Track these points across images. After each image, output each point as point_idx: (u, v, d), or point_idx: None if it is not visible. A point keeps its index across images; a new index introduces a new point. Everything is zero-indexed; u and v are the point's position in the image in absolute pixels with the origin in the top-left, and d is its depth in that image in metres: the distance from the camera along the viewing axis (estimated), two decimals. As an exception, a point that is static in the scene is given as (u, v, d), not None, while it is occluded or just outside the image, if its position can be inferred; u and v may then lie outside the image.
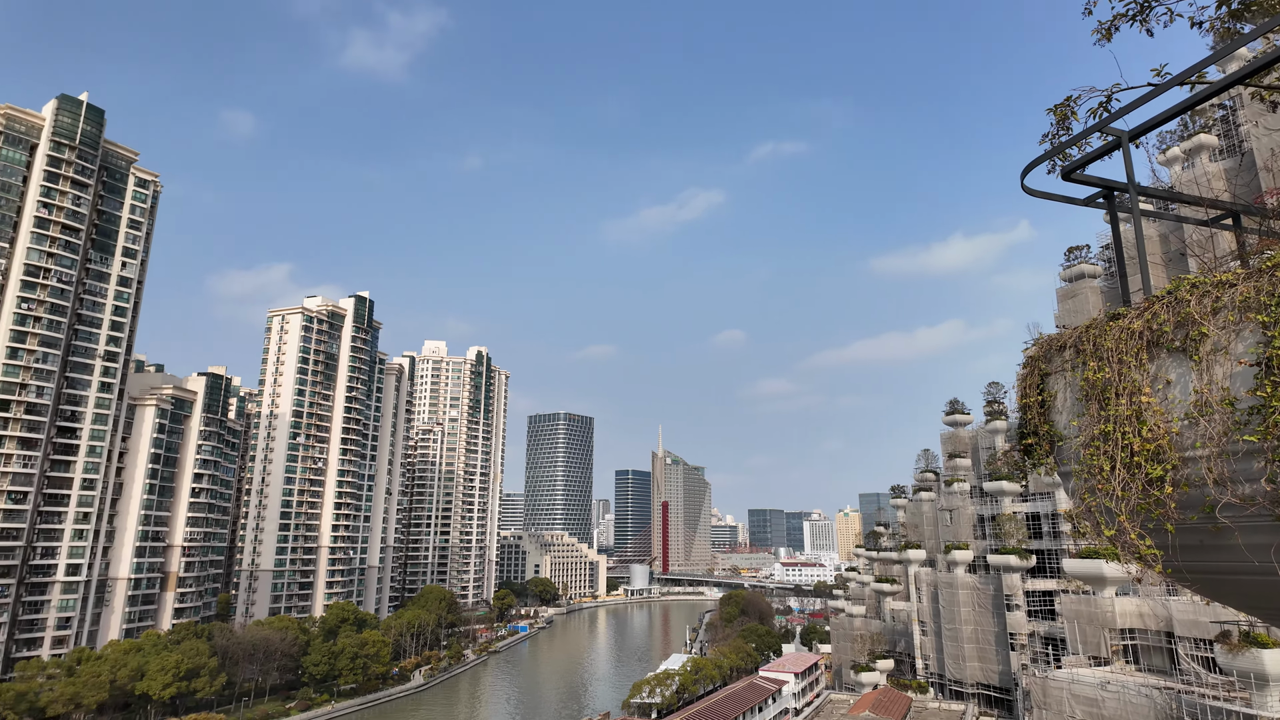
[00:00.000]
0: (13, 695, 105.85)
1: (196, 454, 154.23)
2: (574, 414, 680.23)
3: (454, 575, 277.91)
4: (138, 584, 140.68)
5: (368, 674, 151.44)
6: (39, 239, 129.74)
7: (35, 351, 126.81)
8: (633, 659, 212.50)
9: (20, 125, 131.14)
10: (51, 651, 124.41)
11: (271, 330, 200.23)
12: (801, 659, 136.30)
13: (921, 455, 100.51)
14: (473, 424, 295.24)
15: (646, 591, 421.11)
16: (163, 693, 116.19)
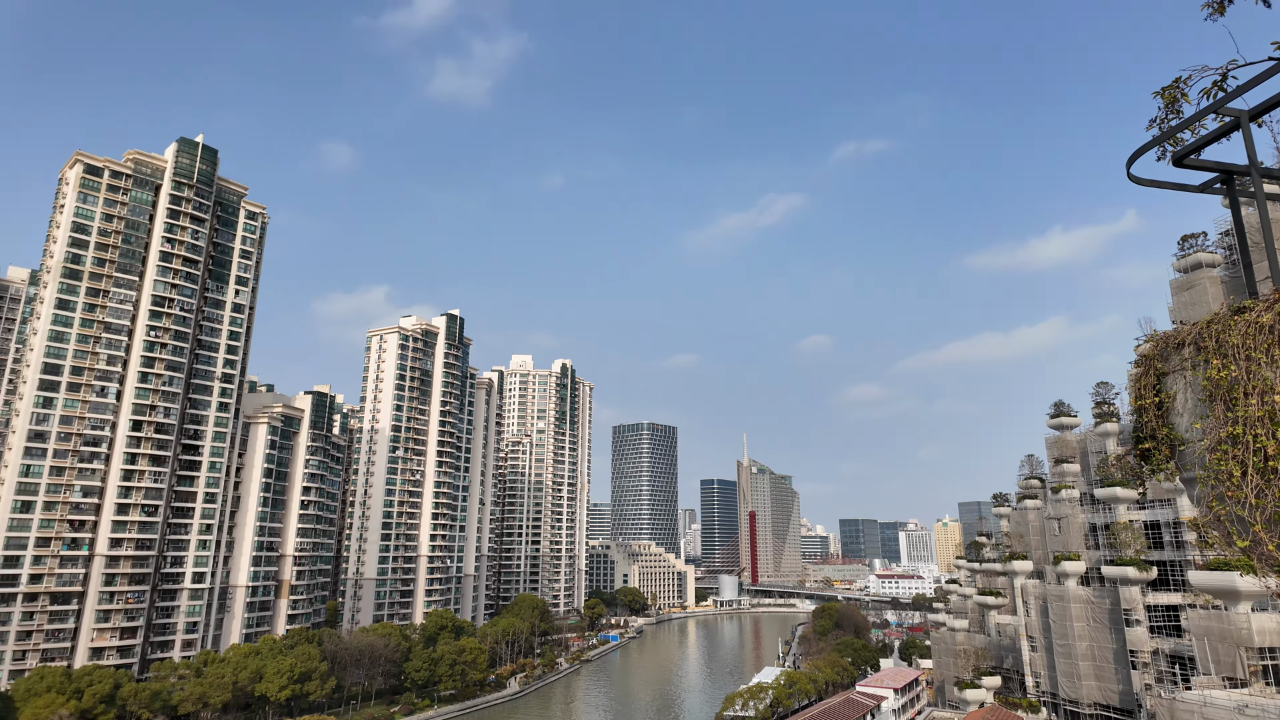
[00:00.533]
0: (148, 694, 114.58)
1: (305, 468, 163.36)
2: (657, 424, 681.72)
3: (545, 584, 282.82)
4: (255, 591, 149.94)
5: (466, 680, 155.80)
6: (163, 271, 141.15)
7: (162, 375, 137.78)
8: (724, 671, 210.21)
9: (146, 168, 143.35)
10: (181, 654, 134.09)
11: (371, 349, 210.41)
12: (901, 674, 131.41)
13: (1025, 461, 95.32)
14: (559, 435, 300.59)
15: (736, 603, 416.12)
16: (279, 695, 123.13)
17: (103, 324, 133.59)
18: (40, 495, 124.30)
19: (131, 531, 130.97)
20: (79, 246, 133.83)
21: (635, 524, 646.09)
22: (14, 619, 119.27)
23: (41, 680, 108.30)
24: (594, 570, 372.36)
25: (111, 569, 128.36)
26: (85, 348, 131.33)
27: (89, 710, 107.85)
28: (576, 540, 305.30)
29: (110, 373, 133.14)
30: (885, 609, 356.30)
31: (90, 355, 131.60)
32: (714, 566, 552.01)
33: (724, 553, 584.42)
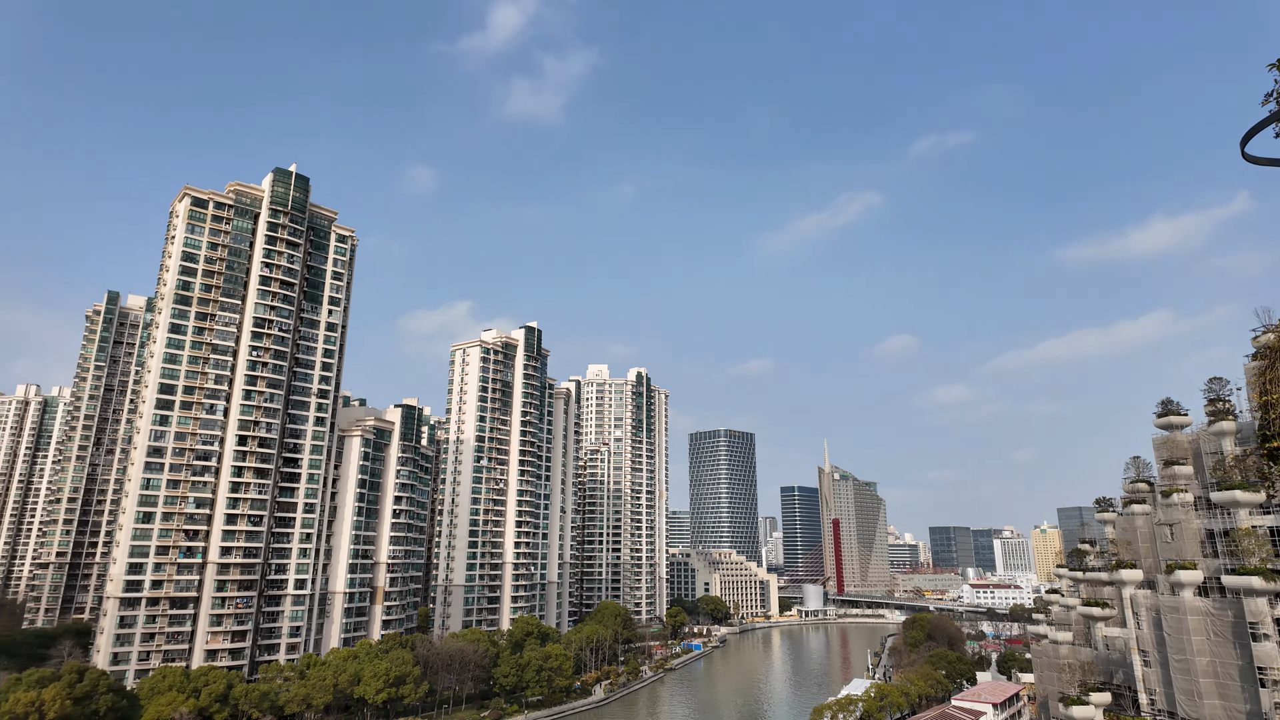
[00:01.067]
0: (258, 694, 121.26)
1: (396, 478, 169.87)
2: (734, 430, 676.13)
3: (627, 592, 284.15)
4: (351, 597, 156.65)
5: (552, 686, 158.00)
6: (263, 294, 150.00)
7: (264, 393, 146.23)
8: (811, 682, 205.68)
9: (246, 198, 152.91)
10: (285, 656, 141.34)
11: (455, 363, 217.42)
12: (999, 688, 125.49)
13: (1131, 463, 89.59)
14: (636, 443, 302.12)
15: (821, 613, 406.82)
16: (376, 697, 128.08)
17: (210, 346, 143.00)
18: (159, 507, 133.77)
19: (239, 540, 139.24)
20: (188, 274, 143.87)
21: (715, 532, 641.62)
22: (139, 622, 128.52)
23: (163, 679, 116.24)
24: (675, 578, 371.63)
25: (222, 576, 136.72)
26: (196, 368, 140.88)
27: (205, 708, 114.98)
28: (656, 548, 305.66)
29: (218, 391, 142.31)
30: (980, 620, 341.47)
31: (200, 375, 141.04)
32: (797, 575, 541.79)
33: (807, 561, 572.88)
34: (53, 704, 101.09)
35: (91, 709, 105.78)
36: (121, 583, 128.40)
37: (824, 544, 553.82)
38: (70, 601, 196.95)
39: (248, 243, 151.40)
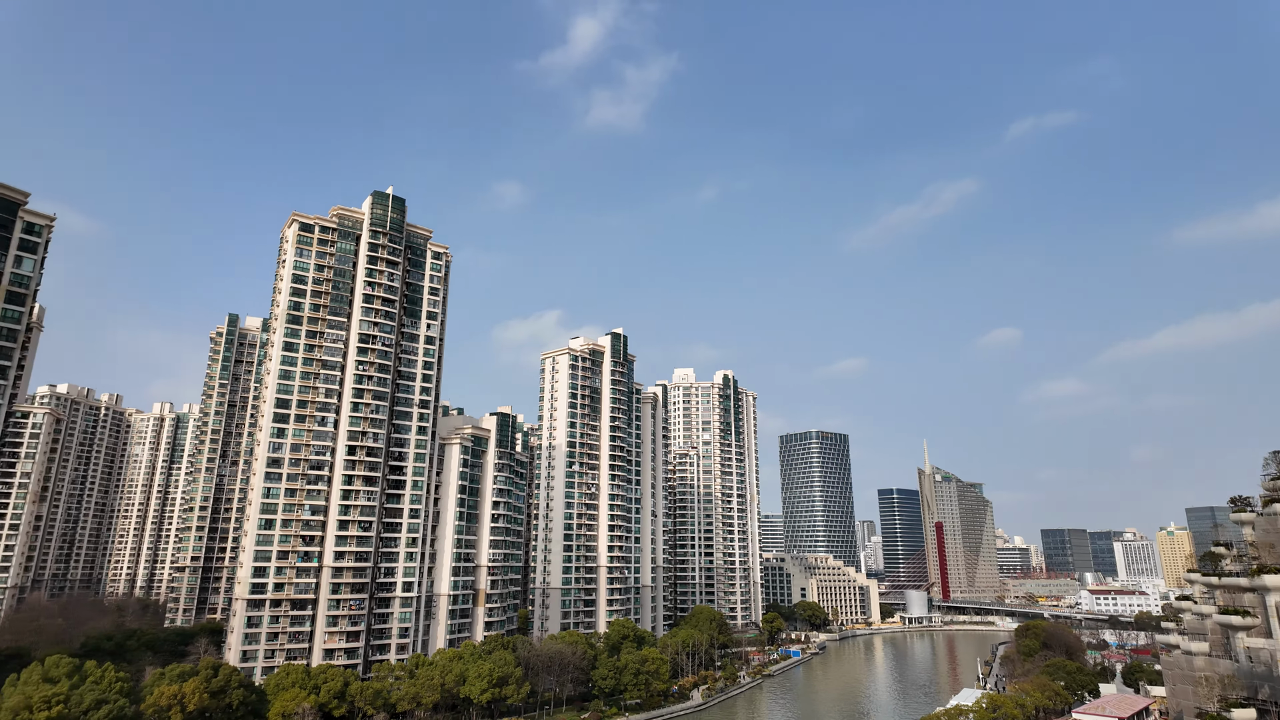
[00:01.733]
0: (371, 692, 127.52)
1: (493, 484, 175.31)
2: (827, 432, 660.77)
3: (721, 596, 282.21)
4: (455, 599, 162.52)
5: (650, 690, 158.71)
6: (366, 311, 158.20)
7: (370, 404, 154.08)
8: (917, 692, 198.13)
9: (348, 221, 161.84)
10: (395, 656, 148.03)
11: (544, 371, 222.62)
12: (1126, 702, 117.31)
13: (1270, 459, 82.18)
14: (725, 446, 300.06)
15: (926, 619, 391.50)
16: (481, 697, 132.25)
17: (320, 361, 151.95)
18: (278, 514, 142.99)
19: (350, 545, 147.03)
20: (298, 295, 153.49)
21: (809, 536, 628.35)
22: (264, 622, 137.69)
23: (287, 676, 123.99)
24: (769, 583, 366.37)
25: (336, 579, 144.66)
26: (308, 383, 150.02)
27: (325, 704, 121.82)
28: (750, 552, 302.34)
29: (328, 404, 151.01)
30: (1102, 628, 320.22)
31: (312, 389, 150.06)
32: (898, 581, 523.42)
33: (909, 566, 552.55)
34: (192, 697, 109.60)
35: (225, 702, 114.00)
36: (248, 585, 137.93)
37: (926, 548, 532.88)
38: (204, 602, 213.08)
39: (351, 263, 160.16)
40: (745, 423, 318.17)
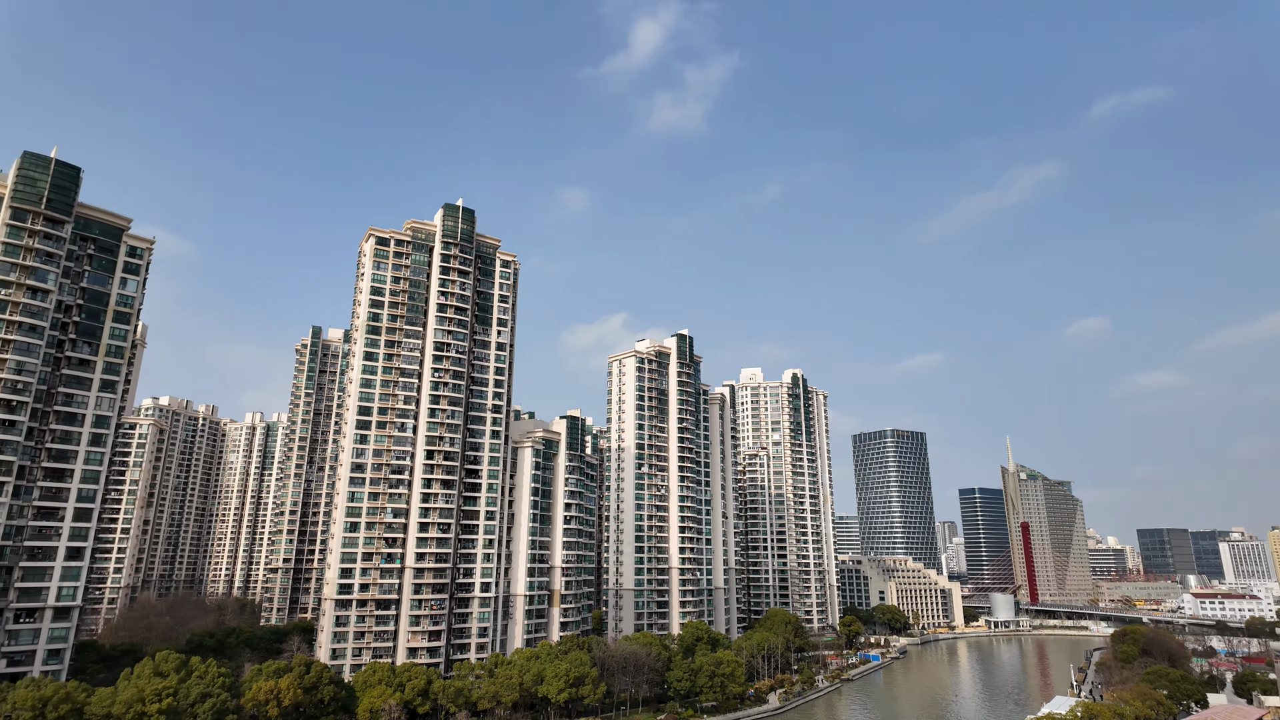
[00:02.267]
0: (453, 690, 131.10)
1: (565, 486, 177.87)
2: (902, 430, 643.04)
3: (796, 599, 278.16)
4: (531, 600, 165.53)
5: (725, 693, 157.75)
6: (440, 320, 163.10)
7: (446, 410, 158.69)
8: (1005, 699, 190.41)
9: (421, 234, 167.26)
10: (475, 655, 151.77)
11: (611, 374, 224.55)
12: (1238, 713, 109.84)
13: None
14: (795, 446, 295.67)
15: (1012, 623, 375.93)
16: (558, 696, 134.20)
17: (399, 370, 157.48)
18: (362, 517, 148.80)
19: (431, 546, 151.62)
20: (376, 306, 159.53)
21: (887, 537, 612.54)
22: (351, 621, 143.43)
23: (374, 674, 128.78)
24: (846, 586, 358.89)
25: (417, 580, 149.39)
26: (387, 391, 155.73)
27: (410, 701, 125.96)
28: (825, 554, 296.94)
29: (407, 410, 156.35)
30: (1208, 634, 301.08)
31: (391, 397, 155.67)
32: (982, 584, 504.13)
33: (993, 569, 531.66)
34: (287, 692, 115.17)
35: (318, 698, 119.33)
36: (335, 586, 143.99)
37: (1012, 549, 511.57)
38: (296, 602, 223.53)
39: (425, 274, 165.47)
40: (816, 422, 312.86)
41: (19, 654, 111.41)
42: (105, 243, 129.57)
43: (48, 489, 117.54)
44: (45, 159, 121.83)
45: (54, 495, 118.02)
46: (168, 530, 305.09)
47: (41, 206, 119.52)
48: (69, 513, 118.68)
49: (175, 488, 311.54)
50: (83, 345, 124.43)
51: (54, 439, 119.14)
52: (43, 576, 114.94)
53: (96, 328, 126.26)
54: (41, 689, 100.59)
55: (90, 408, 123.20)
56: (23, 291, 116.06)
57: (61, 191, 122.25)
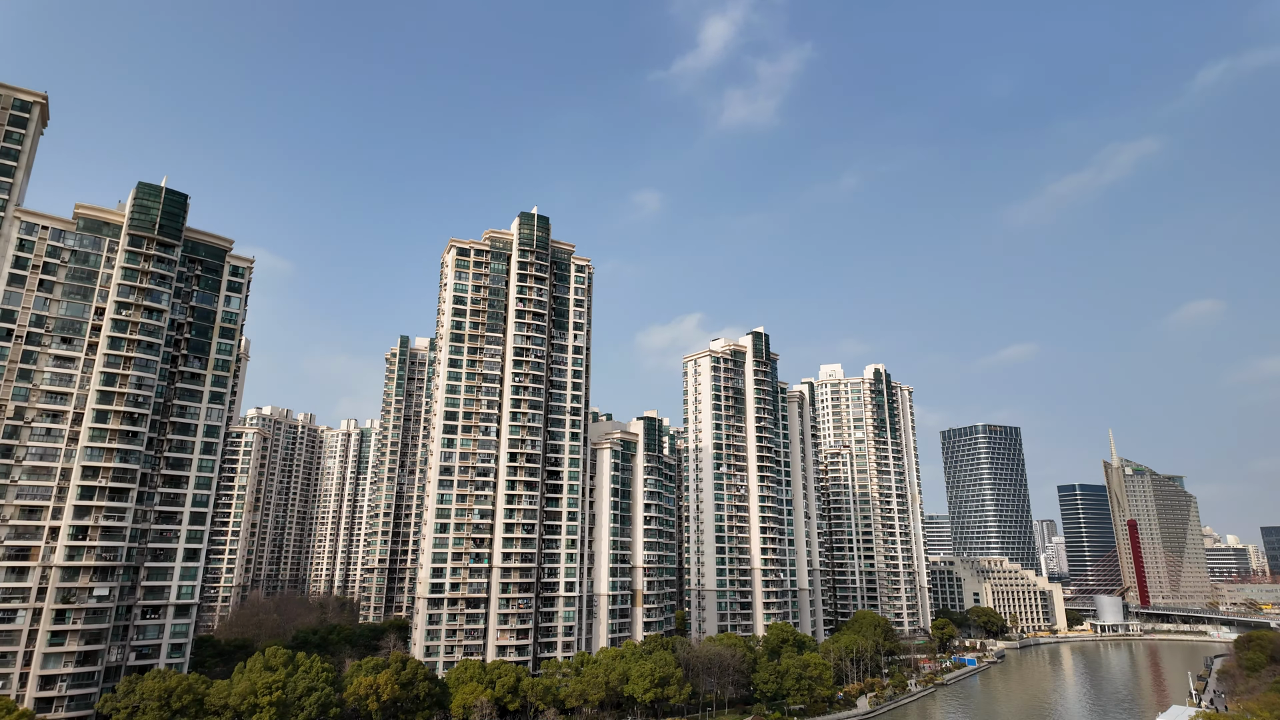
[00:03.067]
0: (541, 688, 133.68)
1: (644, 487, 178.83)
2: (994, 425, 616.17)
3: (884, 601, 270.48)
4: (614, 599, 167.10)
5: (813, 696, 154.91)
6: (519, 326, 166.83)
7: (527, 413, 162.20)
8: (1115, 707, 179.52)
9: (499, 243, 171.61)
10: (562, 654, 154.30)
11: (687, 374, 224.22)
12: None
13: None
14: (880, 444, 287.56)
15: (1121, 627, 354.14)
16: (644, 696, 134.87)
17: (481, 375, 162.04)
18: (451, 519, 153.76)
19: (516, 546, 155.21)
20: (459, 315, 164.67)
21: (980, 537, 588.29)
22: (443, 619, 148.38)
23: (465, 671, 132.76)
24: (937, 588, 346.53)
25: (504, 579, 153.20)
26: (471, 396, 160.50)
27: (500, 698, 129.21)
28: (914, 555, 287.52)
29: (490, 414, 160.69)
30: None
31: (475, 401, 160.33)
32: (1086, 585, 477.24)
33: (1098, 569, 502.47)
34: (385, 688, 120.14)
35: (413, 694, 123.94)
36: (427, 585, 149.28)
37: (1118, 549, 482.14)
38: (391, 600, 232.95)
39: (503, 281, 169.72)
40: (901, 418, 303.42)
41: (146, 647, 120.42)
42: (211, 263, 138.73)
43: (166, 494, 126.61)
44: (156, 188, 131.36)
45: (172, 500, 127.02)
46: (273, 532, 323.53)
47: (154, 232, 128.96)
48: (185, 516, 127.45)
49: (278, 492, 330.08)
50: (193, 360, 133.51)
51: (170, 448, 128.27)
52: (164, 576, 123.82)
53: (205, 343, 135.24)
54: (167, 680, 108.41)
55: (201, 418, 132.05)
56: (140, 312, 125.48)
57: (171, 218, 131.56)
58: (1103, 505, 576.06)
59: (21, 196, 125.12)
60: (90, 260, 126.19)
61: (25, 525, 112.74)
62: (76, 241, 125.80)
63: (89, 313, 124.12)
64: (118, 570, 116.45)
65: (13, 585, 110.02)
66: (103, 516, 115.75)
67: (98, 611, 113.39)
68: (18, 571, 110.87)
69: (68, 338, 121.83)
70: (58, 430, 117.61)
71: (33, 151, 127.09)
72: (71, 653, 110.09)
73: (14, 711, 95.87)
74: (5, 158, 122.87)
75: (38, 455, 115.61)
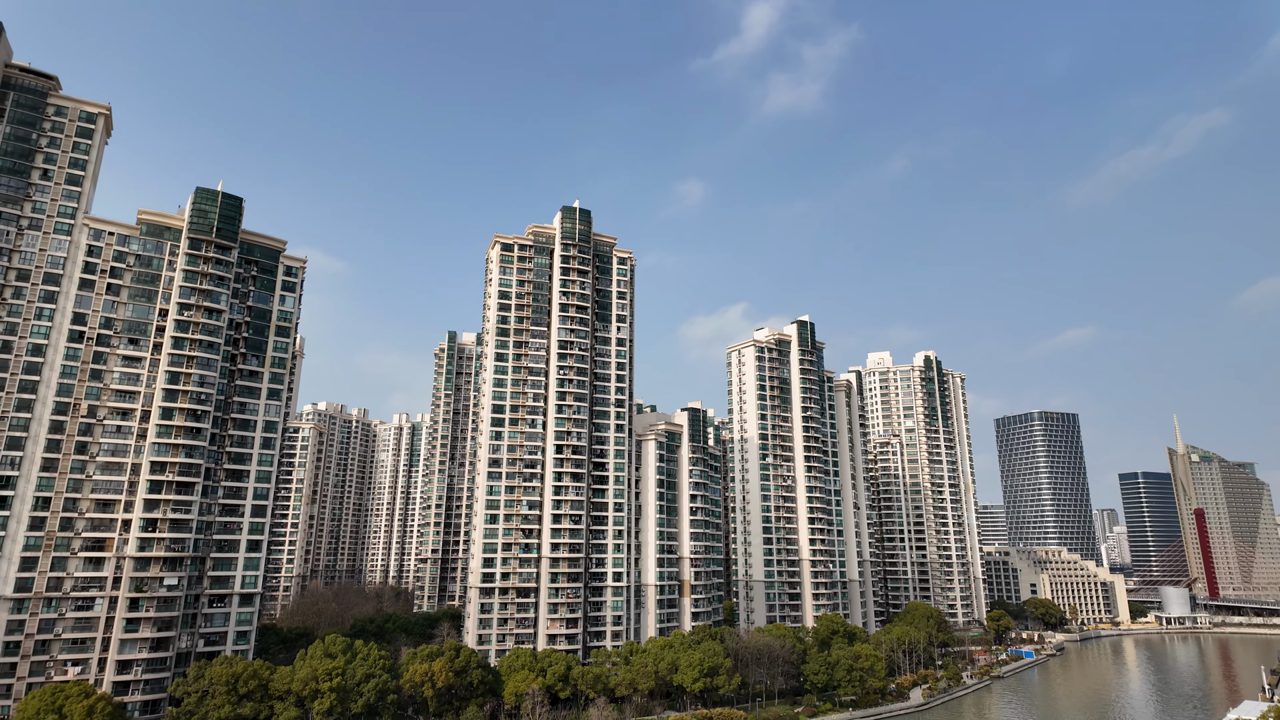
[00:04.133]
0: (591, 676, 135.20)
1: (689, 478, 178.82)
2: (1051, 412, 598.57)
3: (937, 592, 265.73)
4: (662, 590, 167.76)
5: (865, 687, 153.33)
6: (563, 319, 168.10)
7: (572, 405, 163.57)
8: (1183, 702, 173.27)
9: (542, 238, 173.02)
10: (611, 643, 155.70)
11: (731, 364, 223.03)
12: None
13: None
14: (931, 433, 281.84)
15: (1188, 620, 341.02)
16: (693, 686, 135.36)
17: (527, 369, 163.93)
18: (501, 510, 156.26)
19: (564, 537, 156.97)
20: (504, 309, 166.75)
21: (1037, 527, 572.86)
22: (494, 609, 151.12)
23: (517, 659, 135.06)
24: (992, 579, 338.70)
25: (553, 569, 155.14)
26: (518, 389, 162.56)
27: (551, 686, 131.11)
28: (968, 546, 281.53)
29: (536, 407, 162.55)
30: None
31: (521, 395, 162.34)
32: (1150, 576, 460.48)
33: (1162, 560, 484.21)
34: (440, 675, 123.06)
35: (467, 681, 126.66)
36: (479, 574, 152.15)
37: (1184, 539, 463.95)
38: (444, 590, 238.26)
39: (547, 275, 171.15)
40: (953, 406, 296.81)
41: (214, 635, 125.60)
42: (266, 264, 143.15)
43: (229, 488, 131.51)
44: (213, 192, 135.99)
45: (234, 494, 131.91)
46: (330, 524, 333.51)
47: (212, 235, 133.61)
48: (247, 509, 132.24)
49: (334, 485, 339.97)
50: (251, 358, 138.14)
51: (232, 443, 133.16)
52: (229, 566, 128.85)
53: (262, 342, 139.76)
54: (233, 666, 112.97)
55: (260, 414, 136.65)
56: (201, 312, 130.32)
57: (228, 221, 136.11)
58: (1167, 493, 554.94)
59: (89, 204, 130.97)
60: (153, 264, 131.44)
61: (100, 518, 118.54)
62: (140, 246, 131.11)
63: (153, 314, 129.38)
64: (186, 561, 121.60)
65: (90, 575, 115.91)
66: (170, 509, 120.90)
67: (168, 600, 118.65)
68: (95, 562, 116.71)
69: (134, 338, 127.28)
70: (127, 427, 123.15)
71: (99, 161, 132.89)
72: (145, 639, 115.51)
73: (92, 695, 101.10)
74: (74, 168, 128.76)
75: (110, 451, 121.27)
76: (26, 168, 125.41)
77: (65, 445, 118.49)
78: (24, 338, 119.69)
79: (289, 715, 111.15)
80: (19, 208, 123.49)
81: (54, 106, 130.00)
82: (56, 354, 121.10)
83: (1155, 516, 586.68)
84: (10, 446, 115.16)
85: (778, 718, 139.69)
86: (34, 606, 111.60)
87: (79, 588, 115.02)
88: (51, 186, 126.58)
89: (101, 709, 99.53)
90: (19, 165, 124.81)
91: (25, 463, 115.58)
